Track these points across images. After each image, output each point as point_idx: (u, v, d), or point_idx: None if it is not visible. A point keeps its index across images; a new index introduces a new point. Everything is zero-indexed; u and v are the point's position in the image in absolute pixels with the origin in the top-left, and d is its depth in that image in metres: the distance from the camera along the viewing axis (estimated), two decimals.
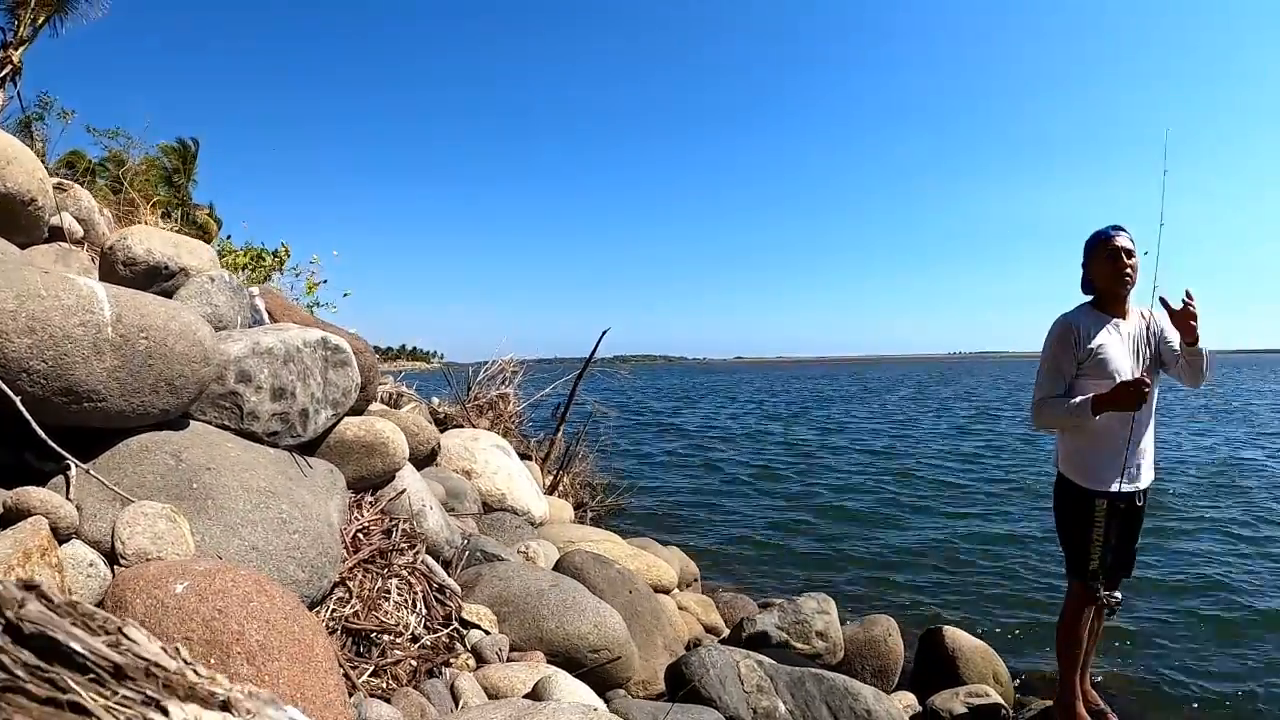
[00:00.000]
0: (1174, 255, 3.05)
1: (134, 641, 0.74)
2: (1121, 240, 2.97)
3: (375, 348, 3.73)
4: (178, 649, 0.76)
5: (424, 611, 2.71)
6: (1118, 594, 3.08)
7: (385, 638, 2.42)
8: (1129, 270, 2.98)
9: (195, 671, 0.74)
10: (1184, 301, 2.84)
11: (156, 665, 0.72)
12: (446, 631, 2.71)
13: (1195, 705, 3.77)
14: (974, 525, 7.65)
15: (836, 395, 34.79)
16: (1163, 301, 2.90)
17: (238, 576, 1.77)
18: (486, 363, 8.24)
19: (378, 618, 2.47)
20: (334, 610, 2.36)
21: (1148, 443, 3.05)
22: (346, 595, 2.45)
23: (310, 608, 2.19)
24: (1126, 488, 2.98)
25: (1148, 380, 2.81)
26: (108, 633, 0.74)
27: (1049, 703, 3.42)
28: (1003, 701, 3.57)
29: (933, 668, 3.90)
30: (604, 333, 8.53)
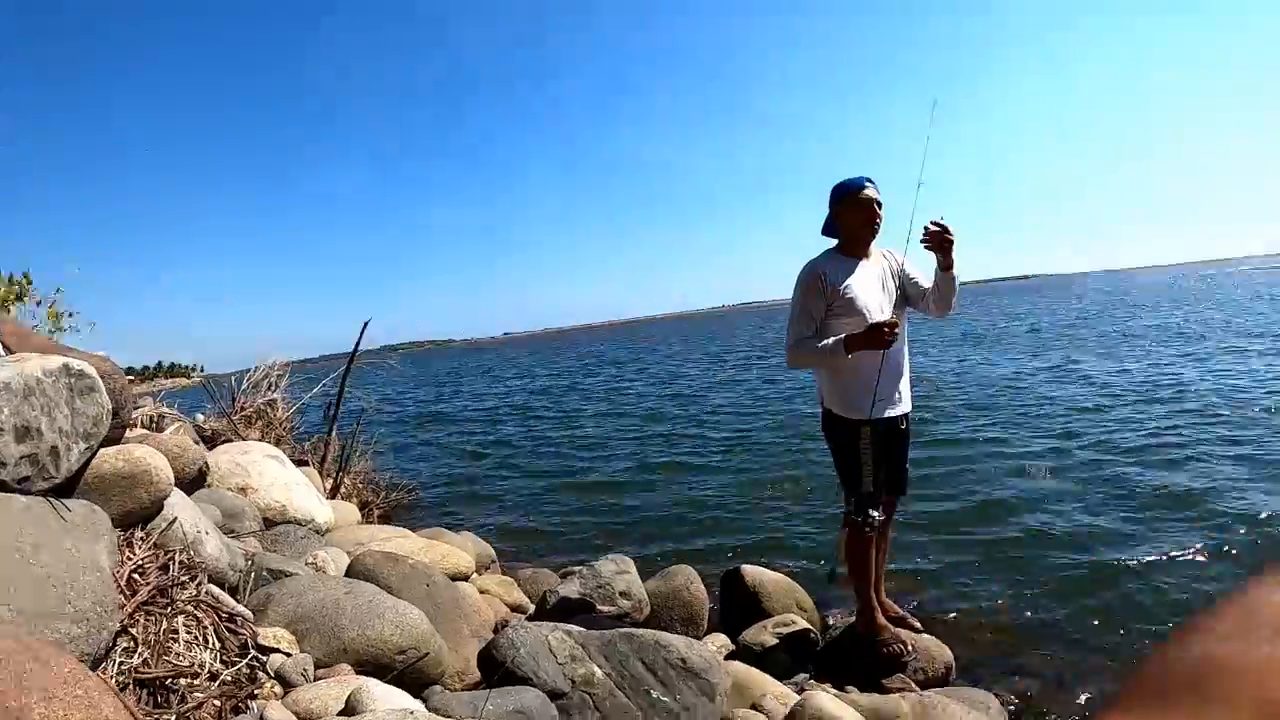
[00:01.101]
0: (925, 195, 3.46)
1: None
2: (872, 192, 3.30)
3: (129, 369, 3.42)
4: None
5: (218, 646, 2.55)
6: (873, 513, 3.45)
7: (182, 682, 2.27)
8: (879, 220, 3.34)
9: None
10: (939, 226, 3.12)
11: None
12: (245, 662, 2.57)
13: (981, 608, 4.16)
14: (753, 468, 8.16)
15: (604, 361, 35.57)
16: (926, 229, 3.15)
17: (6, 647, 1.61)
18: (250, 369, 7.70)
19: (170, 662, 2.31)
20: (121, 663, 2.17)
21: (904, 371, 3.41)
22: (132, 644, 2.27)
23: (94, 665, 2.01)
24: (888, 413, 3.35)
25: (895, 320, 3.18)
26: None
27: (852, 619, 3.74)
28: (810, 625, 3.86)
29: (738, 607, 4.08)
30: (365, 324, 8.21)
